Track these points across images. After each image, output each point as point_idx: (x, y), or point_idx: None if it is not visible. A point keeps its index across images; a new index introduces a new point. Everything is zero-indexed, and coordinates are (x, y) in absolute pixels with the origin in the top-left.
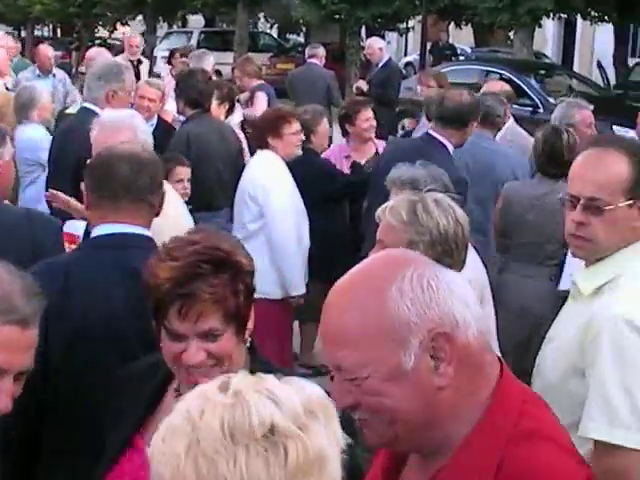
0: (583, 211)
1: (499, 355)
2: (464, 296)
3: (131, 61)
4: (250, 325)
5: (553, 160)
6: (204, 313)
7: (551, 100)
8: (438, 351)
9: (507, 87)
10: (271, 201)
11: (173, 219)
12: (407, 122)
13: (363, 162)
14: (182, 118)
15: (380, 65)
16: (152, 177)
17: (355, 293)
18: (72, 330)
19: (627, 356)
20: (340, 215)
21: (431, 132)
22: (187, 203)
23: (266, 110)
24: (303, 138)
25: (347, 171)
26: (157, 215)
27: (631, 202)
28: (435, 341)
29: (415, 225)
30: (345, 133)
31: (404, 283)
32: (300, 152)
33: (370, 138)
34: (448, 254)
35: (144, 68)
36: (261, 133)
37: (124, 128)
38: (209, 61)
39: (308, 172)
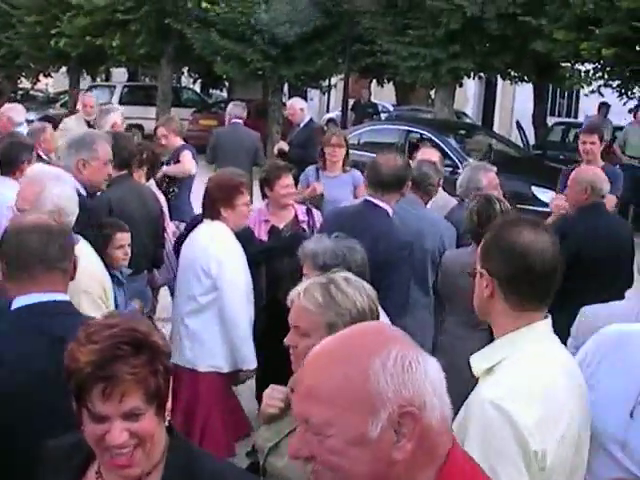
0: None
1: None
2: (435, 382)
3: (87, 121)
4: (169, 405)
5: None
6: (127, 393)
7: (471, 160)
8: (402, 427)
9: (439, 154)
10: (225, 274)
11: (84, 268)
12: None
13: (281, 226)
14: None
15: (302, 125)
16: (61, 245)
17: (341, 355)
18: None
19: (489, 435)
20: (256, 278)
21: (369, 198)
22: (128, 267)
23: (218, 178)
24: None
25: (265, 235)
26: (72, 279)
27: (480, 270)
28: (402, 418)
29: (333, 307)
30: (264, 196)
31: (389, 359)
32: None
33: (289, 204)
34: None
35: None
36: (213, 203)
37: (35, 183)
38: (113, 117)
39: None
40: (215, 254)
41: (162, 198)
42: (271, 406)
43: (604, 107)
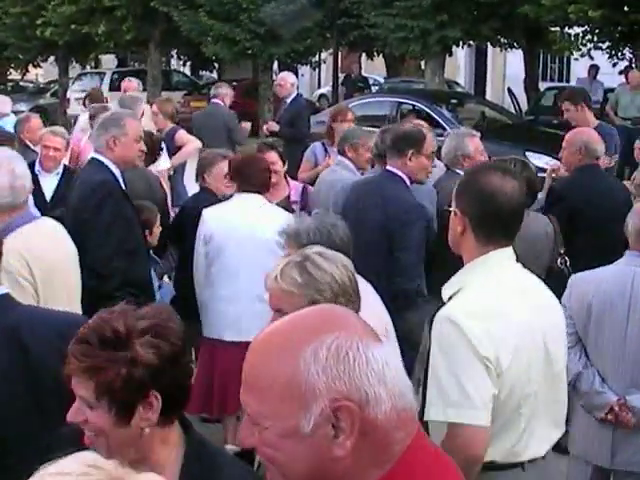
0: None
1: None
2: (383, 373)
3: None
4: (152, 417)
5: (529, 192)
6: (74, 377)
7: (463, 129)
8: (340, 422)
9: (424, 124)
10: None
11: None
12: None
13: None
14: None
15: (289, 102)
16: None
17: (276, 343)
18: None
19: (447, 346)
20: None
21: (387, 167)
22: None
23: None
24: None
25: None
26: None
27: (453, 210)
28: (338, 412)
29: (313, 284)
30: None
31: (322, 349)
32: None
33: (275, 183)
34: (350, 301)
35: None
36: (268, 174)
37: None
38: (143, 106)
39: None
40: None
41: (166, 186)
42: None
43: (593, 69)
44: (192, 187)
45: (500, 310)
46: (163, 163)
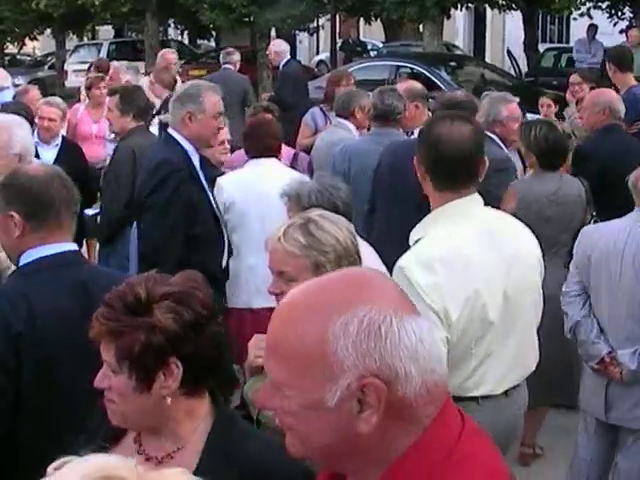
0: None
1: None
2: (415, 350)
3: None
4: (172, 384)
5: (558, 153)
6: (98, 339)
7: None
8: (366, 397)
9: (416, 85)
10: None
11: None
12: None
13: None
14: None
15: (281, 69)
16: (76, 191)
17: (304, 311)
18: (43, 358)
19: None
20: None
21: None
22: None
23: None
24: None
25: None
26: None
27: (416, 157)
28: (365, 388)
29: (317, 246)
30: None
31: (353, 322)
32: None
33: None
34: (352, 264)
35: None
36: (279, 140)
37: (1, 130)
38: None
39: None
40: None
41: None
42: (260, 357)
43: (592, 29)
44: None
45: (456, 259)
46: None
